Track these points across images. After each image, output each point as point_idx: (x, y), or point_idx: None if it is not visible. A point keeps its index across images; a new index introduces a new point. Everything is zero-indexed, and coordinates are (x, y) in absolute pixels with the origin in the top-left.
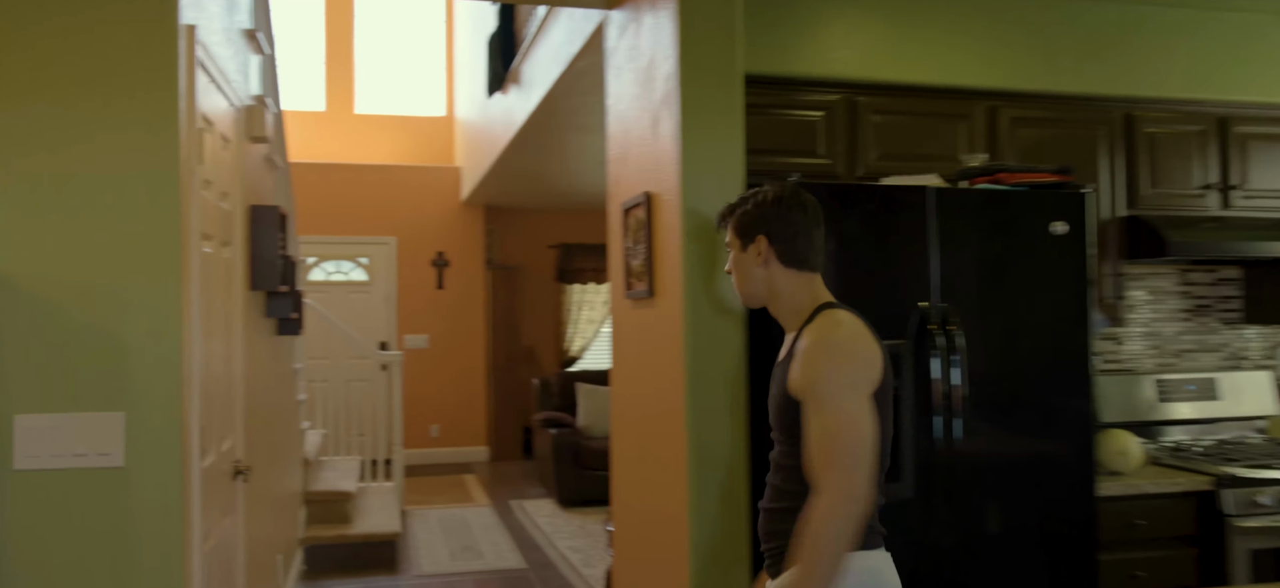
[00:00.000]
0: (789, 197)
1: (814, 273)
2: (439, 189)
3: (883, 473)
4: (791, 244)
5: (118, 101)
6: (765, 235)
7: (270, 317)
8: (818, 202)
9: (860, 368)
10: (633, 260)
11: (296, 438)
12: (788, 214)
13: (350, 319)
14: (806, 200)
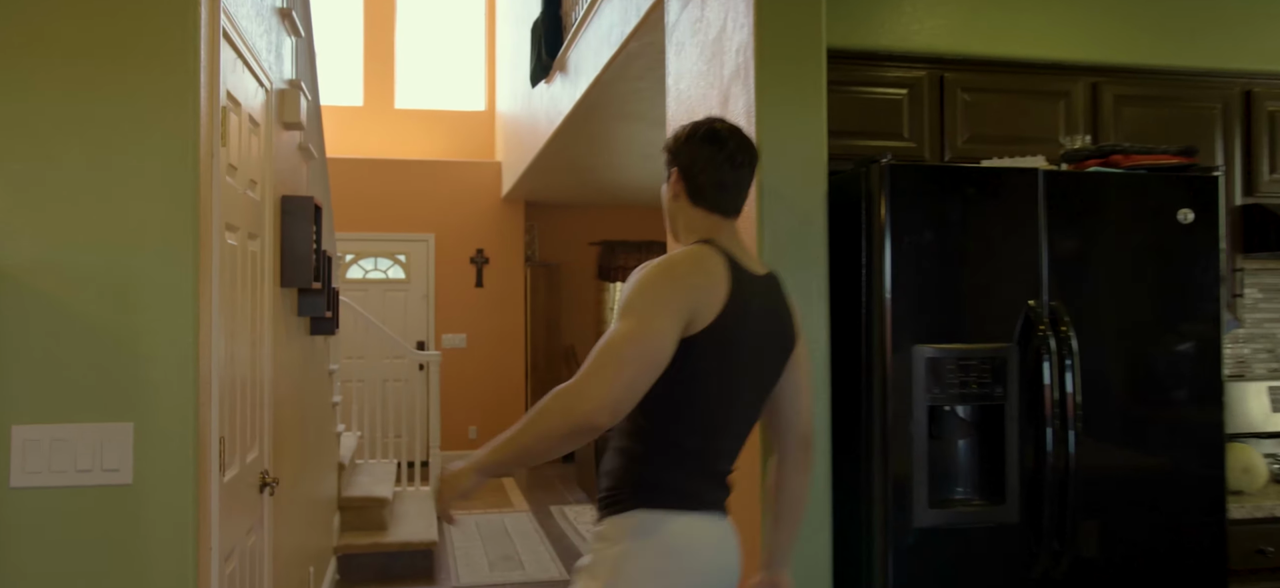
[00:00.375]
0: (704, 132)
1: (721, 216)
2: (478, 185)
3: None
4: (699, 181)
5: (129, 73)
6: (678, 168)
7: (302, 316)
8: (747, 144)
9: (673, 290)
10: None
11: (331, 443)
12: (699, 148)
13: (387, 318)
14: (726, 138)
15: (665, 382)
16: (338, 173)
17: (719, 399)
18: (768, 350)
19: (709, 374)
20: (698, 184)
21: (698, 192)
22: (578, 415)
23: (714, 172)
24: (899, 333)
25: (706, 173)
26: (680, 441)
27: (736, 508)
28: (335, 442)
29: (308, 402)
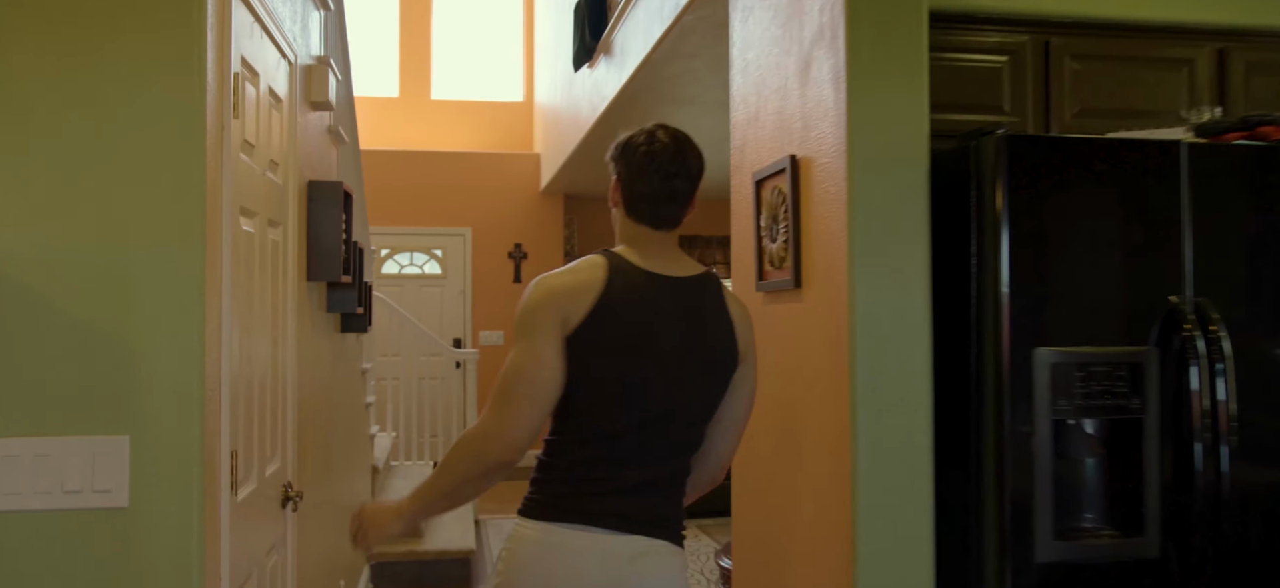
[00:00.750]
0: (642, 141)
1: (650, 228)
2: (516, 177)
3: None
4: (632, 191)
5: (123, 32)
6: (617, 177)
7: (332, 312)
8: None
9: (546, 308)
10: (768, 243)
11: (364, 446)
12: (633, 158)
13: (423, 315)
14: (661, 151)
15: (570, 395)
16: (372, 165)
17: (596, 402)
18: (671, 350)
19: (583, 379)
20: (631, 194)
21: (630, 202)
22: (487, 458)
23: (645, 183)
24: (1018, 335)
25: (639, 184)
26: (572, 450)
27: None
28: (368, 445)
29: (338, 404)
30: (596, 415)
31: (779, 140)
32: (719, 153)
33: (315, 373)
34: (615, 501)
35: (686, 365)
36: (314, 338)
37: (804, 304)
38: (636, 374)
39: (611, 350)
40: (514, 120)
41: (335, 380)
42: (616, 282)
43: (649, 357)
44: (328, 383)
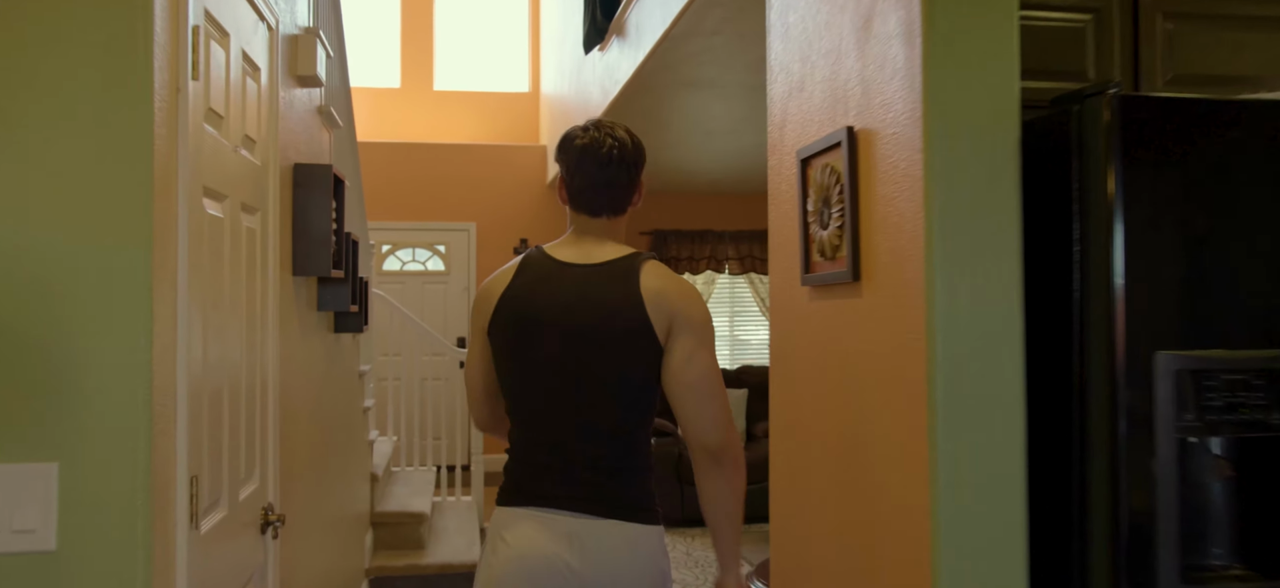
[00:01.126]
0: (578, 136)
1: (588, 216)
2: (522, 170)
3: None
4: (571, 185)
5: None
6: (561, 173)
7: (323, 310)
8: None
9: (474, 313)
10: (816, 231)
11: (361, 454)
12: (569, 153)
13: (425, 312)
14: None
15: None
16: (373, 158)
17: (518, 390)
18: (576, 336)
19: (502, 367)
20: (572, 187)
21: (572, 194)
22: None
23: (583, 175)
24: (1134, 336)
25: (578, 177)
26: (516, 439)
27: None
28: (367, 452)
29: (331, 411)
30: (517, 403)
31: (831, 111)
32: (737, 140)
33: (303, 378)
34: (550, 482)
35: (586, 348)
36: (301, 339)
37: (864, 300)
38: (533, 360)
39: (509, 342)
40: (519, 111)
41: (328, 385)
42: (519, 278)
43: (542, 343)
44: (319, 388)
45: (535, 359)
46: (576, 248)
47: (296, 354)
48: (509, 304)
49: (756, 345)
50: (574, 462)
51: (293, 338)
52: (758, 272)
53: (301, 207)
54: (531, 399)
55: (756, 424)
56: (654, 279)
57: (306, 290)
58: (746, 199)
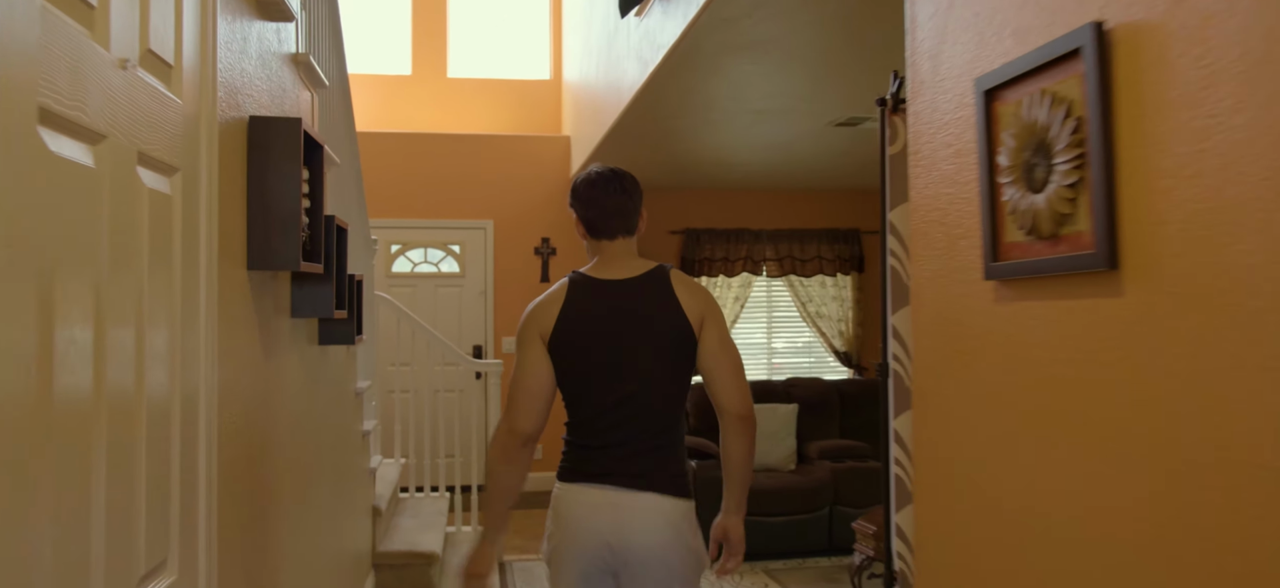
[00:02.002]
0: (580, 183)
1: (605, 240)
2: (544, 163)
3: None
4: (584, 220)
5: None
6: (575, 215)
7: (299, 317)
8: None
9: (527, 327)
10: (1018, 195)
11: (360, 485)
12: (578, 192)
13: (439, 318)
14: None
15: (560, 385)
16: (381, 150)
17: (579, 389)
18: (627, 340)
19: (565, 372)
20: (587, 220)
21: (588, 226)
22: (508, 446)
23: (594, 207)
24: None
25: (589, 211)
26: (571, 427)
27: None
28: (367, 483)
29: (315, 442)
30: (577, 400)
31: (1047, 7)
32: (788, 124)
33: (268, 406)
34: (604, 462)
35: (635, 350)
36: (264, 356)
37: (1127, 300)
38: (592, 364)
39: (575, 352)
40: (540, 100)
41: (311, 412)
42: (572, 296)
43: (598, 349)
44: (296, 417)
45: (594, 362)
46: (609, 268)
47: (256, 375)
48: (568, 320)
49: (795, 354)
50: (625, 444)
51: (246, 354)
52: (798, 274)
53: (259, 175)
54: (589, 395)
55: (809, 444)
56: (682, 286)
57: (273, 291)
58: (787, 196)
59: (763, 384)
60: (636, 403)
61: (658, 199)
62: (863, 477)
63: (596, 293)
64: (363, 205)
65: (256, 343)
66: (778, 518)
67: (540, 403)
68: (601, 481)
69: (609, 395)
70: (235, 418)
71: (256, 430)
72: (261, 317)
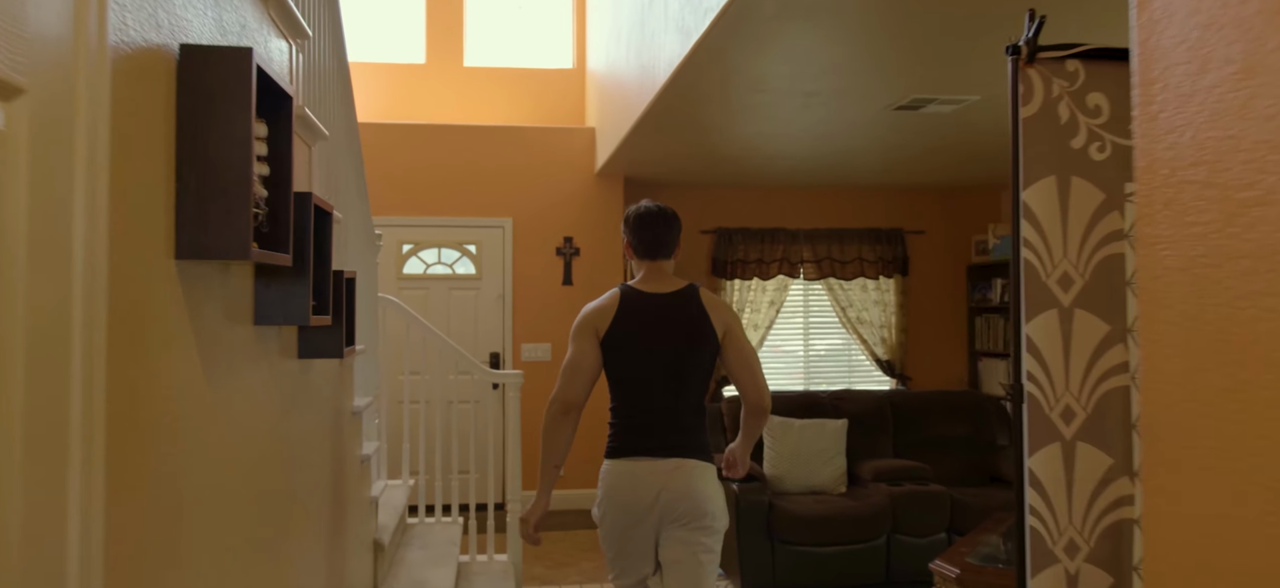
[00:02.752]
0: (632, 216)
1: (650, 260)
2: (566, 156)
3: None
4: (635, 243)
5: None
6: (627, 239)
7: (265, 324)
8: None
9: (581, 323)
10: None
11: (357, 518)
12: (632, 222)
13: (453, 322)
14: (644, 215)
15: (608, 377)
16: (393, 143)
17: (627, 382)
18: (667, 344)
19: (616, 363)
20: (639, 243)
21: (638, 249)
22: (561, 411)
23: (645, 233)
24: None
25: (643, 235)
26: (616, 412)
27: None
28: (367, 515)
29: (291, 478)
30: (626, 390)
31: None
32: (847, 107)
33: (214, 445)
34: (651, 440)
35: (673, 350)
36: (208, 380)
37: None
38: (641, 362)
39: (625, 350)
40: (563, 90)
41: (288, 441)
42: (624, 307)
43: (646, 350)
44: (266, 451)
45: (640, 360)
46: (653, 283)
47: (193, 405)
48: (621, 324)
49: (833, 361)
50: (663, 424)
51: (171, 378)
52: (838, 277)
53: (192, 126)
54: (635, 385)
55: (861, 464)
56: (708, 301)
57: (223, 292)
58: (826, 192)
59: (806, 397)
60: (672, 393)
61: (688, 197)
62: (924, 503)
63: (645, 305)
64: (363, 193)
65: (192, 362)
66: (828, 548)
67: (588, 381)
68: (647, 454)
69: (652, 385)
70: (151, 467)
71: (192, 479)
72: (200, 326)
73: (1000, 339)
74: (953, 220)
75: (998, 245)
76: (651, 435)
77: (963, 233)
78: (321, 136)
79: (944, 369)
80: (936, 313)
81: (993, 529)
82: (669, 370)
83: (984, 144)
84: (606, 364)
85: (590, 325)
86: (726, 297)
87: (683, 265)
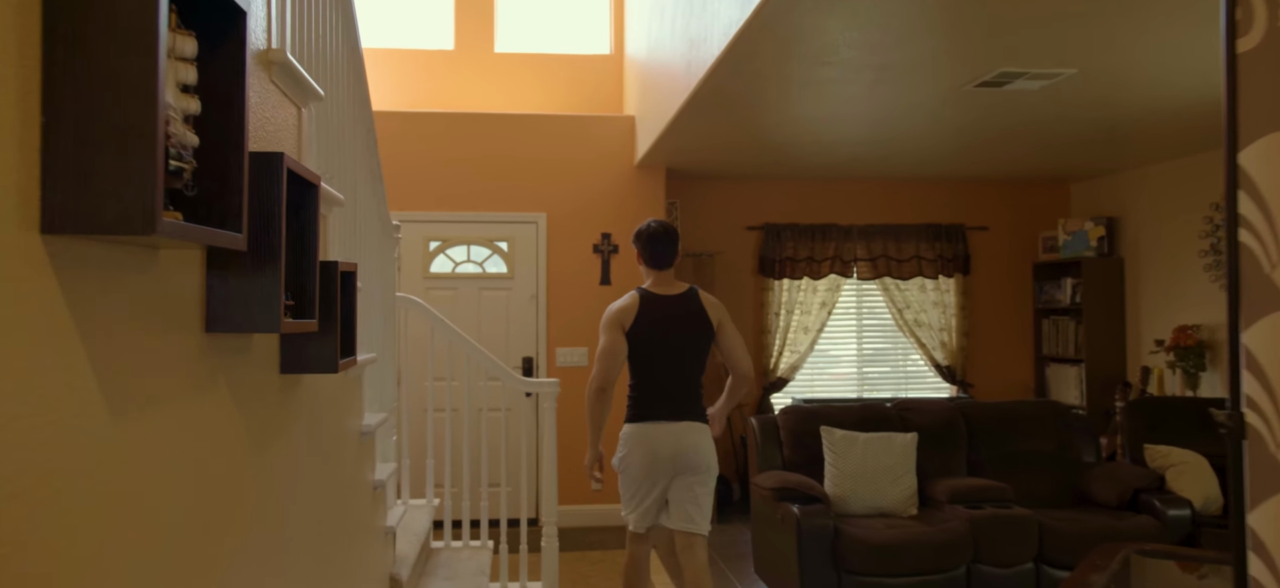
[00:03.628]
0: (642, 233)
1: (656, 270)
2: (604, 147)
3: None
4: (644, 256)
5: None
6: (637, 251)
7: (222, 331)
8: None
9: (610, 318)
10: None
11: (370, 552)
12: (641, 242)
13: (483, 325)
14: (651, 232)
15: (630, 359)
16: (419, 133)
17: (647, 363)
18: (676, 334)
19: (637, 353)
20: (648, 255)
21: (647, 260)
22: (597, 390)
23: (655, 245)
24: None
25: (652, 249)
26: (637, 386)
27: None
28: (381, 547)
29: (270, 524)
30: (644, 369)
31: None
32: (926, 83)
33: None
34: (664, 407)
35: (680, 339)
36: (110, 411)
37: None
38: (656, 349)
39: (645, 339)
40: (600, 77)
41: (266, 478)
42: (644, 304)
43: (661, 340)
44: (234, 497)
45: (656, 347)
46: (662, 287)
47: (89, 442)
48: (642, 321)
49: (887, 367)
50: (674, 395)
51: (42, 405)
52: (894, 276)
53: (67, 40)
54: (652, 366)
55: (933, 483)
56: (706, 301)
57: (147, 282)
58: (881, 186)
59: (868, 407)
60: (679, 372)
61: (734, 190)
62: (1008, 528)
63: (658, 304)
64: (377, 176)
65: (79, 386)
66: (900, 578)
67: (620, 364)
68: (666, 418)
69: (664, 366)
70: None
71: (79, 551)
72: (94, 334)
73: (1070, 343)
74: (1018, 215)
75: (1069, 242)
76: (668, 403)
77: (1029, 228)
78: (315, 97)
79: (1008, 376)
80: (1000, 315)
81: (1101, 567)
82: (679, 355)
83: (1068, 129)
84: (630, 350)
85: (618, 320)
86: (775, 298)
87: (729, 264)
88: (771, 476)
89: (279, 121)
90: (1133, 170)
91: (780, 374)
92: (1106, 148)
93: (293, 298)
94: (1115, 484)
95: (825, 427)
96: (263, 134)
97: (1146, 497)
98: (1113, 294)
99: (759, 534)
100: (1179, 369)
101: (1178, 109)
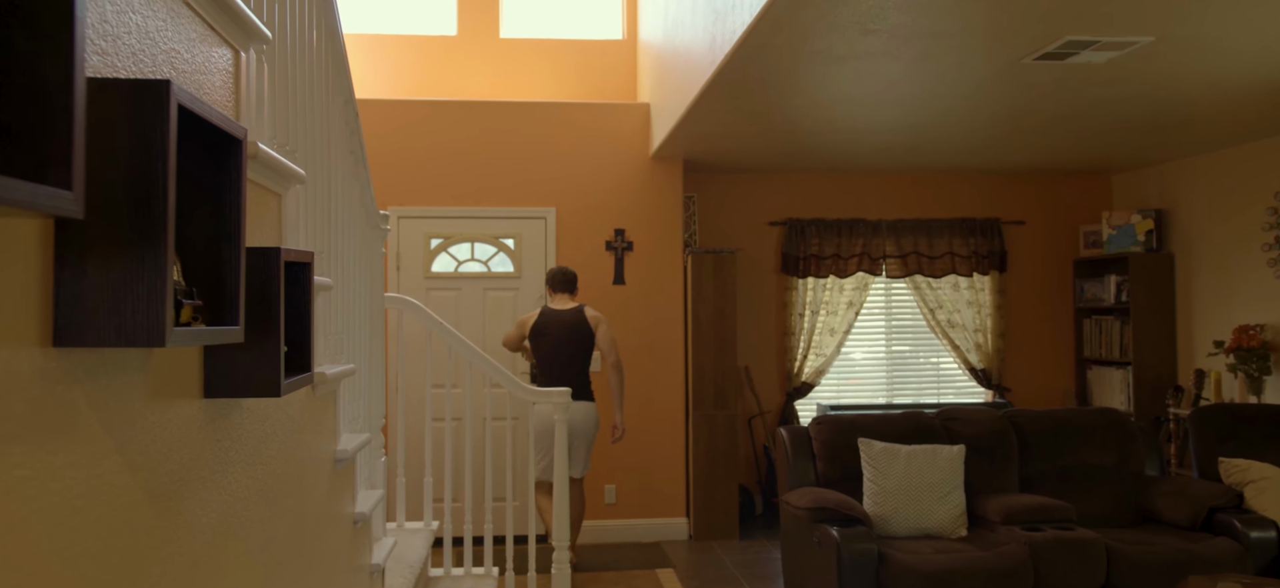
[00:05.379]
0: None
1: (556, 293)
2: (616, 137)
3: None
4: (553, 283)
5: None
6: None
7: (77, 346)
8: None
9: (519, 322)
10: None
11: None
12: (550, 275)
13: (488, 326)
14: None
15: (533, 353)
16: (420, 123)
17: (544, 358)
18: (564, 339)
19: (537, 346)
20: (552, 285)
21: (553, 290)
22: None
23: (559, 279)
24: None
25: (557, 282)
26: (537, 372)
27: None
28: (371, 584)
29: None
30: (543, 361)
31: None
32: (966, 52)
33: None
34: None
35: (565, 341)
36: None
37: None
38: (550, 348)
39: (542, 338)
40: (612, 63)
41: (191, 540)
42: (542, 318)
43: (553, 342)
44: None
45: (551, 346)
46: (558, 303)
47: None
48: (539, 327)
49: (917, 370)
50: (565, 380)
51: None
52: (925, 274)
53: None
54: (548, 358)
55: (983, 500)
56: (589, 315)
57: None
58: (911, 178)
59: (910, 417)
60: (566, 363)
61: (756, 184)
62: (1072, 552)
63: (552, 315)
64: (359, 156)
65: None
66: None
67: (521, 342)
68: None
69: (557, 359)
70: None
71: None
72: None
73: (1115, 345)
74: (1057, 208)
75: (1114, 237)
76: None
77: (1069, 223)
78: (259, 38)
79: (1047, 379)
80: (1038, 315)
81: None
82: (564, 352)
83: (1120, 113)
84: (532, 346)
85: (522, 323)
86: (799, 298)
87: (749, 261)
88: (805, 493)
89: (200, 63)
90: (1182, 160)
91: (805, 379)
92: (1155, 135)
93: (203, 296)
94: (1187, 502)
95: (864, 439)
96: (169, 71)
97: (1224, 516)
98: (1162, 292)
99: (789, 557)
100: (1241, 373)
101: (1249, 86)
